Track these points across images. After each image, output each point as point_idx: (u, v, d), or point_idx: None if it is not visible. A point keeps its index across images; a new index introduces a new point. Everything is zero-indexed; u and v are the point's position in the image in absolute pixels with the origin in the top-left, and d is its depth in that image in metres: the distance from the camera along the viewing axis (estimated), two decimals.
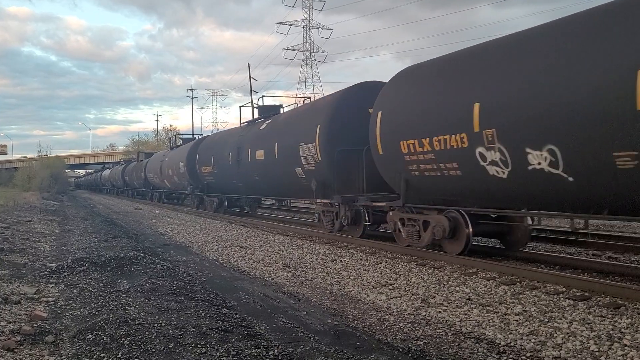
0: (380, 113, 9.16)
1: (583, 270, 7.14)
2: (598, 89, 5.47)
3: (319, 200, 11.84)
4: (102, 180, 57.48)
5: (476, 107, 6.91)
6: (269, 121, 15.61)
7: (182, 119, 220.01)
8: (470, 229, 7.85)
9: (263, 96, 17.79)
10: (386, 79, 10.18)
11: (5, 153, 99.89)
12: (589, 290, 5.89)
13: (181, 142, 28.67)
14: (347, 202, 10.76)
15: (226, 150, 18.09)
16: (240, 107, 20.53)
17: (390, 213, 9.50)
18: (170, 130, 78.66)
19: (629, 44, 5.25)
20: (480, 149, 6.95)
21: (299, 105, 16.91)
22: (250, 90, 43.40)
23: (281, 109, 16.90)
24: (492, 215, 8.32)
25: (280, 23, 60.20)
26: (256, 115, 17.63)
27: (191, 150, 22.68)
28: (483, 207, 7.87)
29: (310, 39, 60.60)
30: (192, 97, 65.77)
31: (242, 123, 18.44)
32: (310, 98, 18.59)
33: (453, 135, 7.33)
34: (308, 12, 60.05)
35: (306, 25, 60.20)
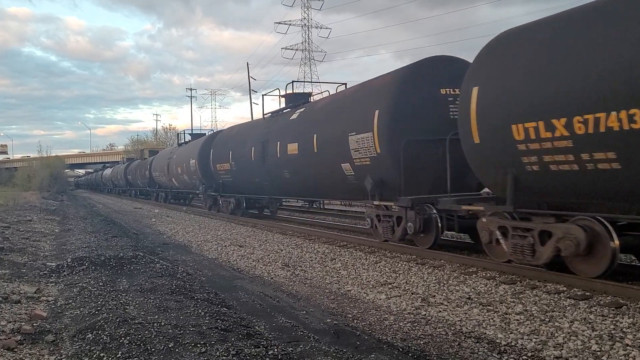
0: (476, 89, 7.01)
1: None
2: None
3: (375, 203, 9.84)
4: (103, 179, 56.09)
5: None
6: (301, 110, 13.47)
7: (181, 119, 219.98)
8: (617, 242, 5.83)
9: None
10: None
11: (5, 153, 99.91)
12: (590, 290, 5.88)
13: (190, 138, 26.60)
14: (418, 206, 8.79)
15: (247, 145, 15.90)
16: (263, 95, 17.11)
17: (484, 220, 7.46)
18: (170, 129, 78.50)
19: None
20: None
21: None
22: (249, 89, 43.42)
23: (310, 98, 15.22)
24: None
25: (279, 22, 60.15)
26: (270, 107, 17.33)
27: (204, 146, 20.54)
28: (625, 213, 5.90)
29: (309, 39, 60.58)
30: (191, 97, 65.71)
31: (266, 114, 16.19)
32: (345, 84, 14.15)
33: (613, 113, 5.25)
34: (307, 12, 60.02)
35: (305, 24, 60.18)
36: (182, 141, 27.65)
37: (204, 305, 5.22)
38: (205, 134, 25.87)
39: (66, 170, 76.55)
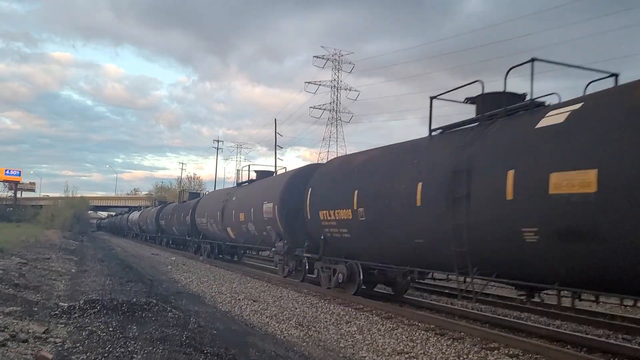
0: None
1: (613, 355, 6.72)
2: None
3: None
4: (128, 223, 51.77)
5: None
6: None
7: (206, 169, 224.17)
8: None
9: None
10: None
11: (33, 190, 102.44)
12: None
13: (255, 175, 19.84)
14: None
15: (397, 181, 9.29)
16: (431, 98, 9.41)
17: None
18: (194, 178, 79.90)
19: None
20: None
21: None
22: (275, 144, 44.19)
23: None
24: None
25: (309, 82, 61.87)
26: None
27: (291, 185, 14.01)
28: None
29: (337, 99, 62.03)
30: (217, 149, 67.21)
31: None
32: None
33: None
34: (337, 74, 61.83)
35: (334, 85, 61.85)
36: (244, 180, 21.47)
37: None
38: (273, 173, 20.62)
39: (89, 212, 77.76)
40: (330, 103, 61.84)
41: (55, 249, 21.61)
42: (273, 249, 15.01)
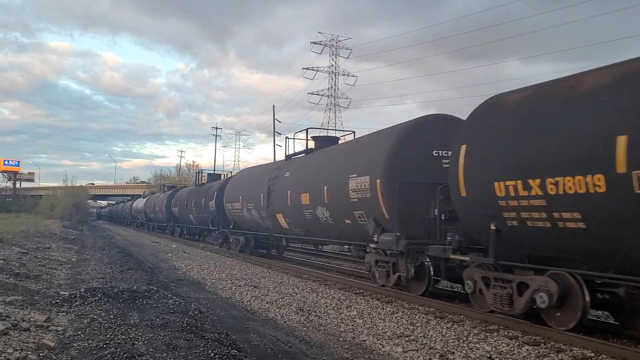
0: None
1: (613, 336, 6.76)
2: None
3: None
4: (132, 211, 47.66)
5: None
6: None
7: (205, 157, 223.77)
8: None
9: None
10: None
11: (32, 180, 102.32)
12: (619, 358, 5.55)
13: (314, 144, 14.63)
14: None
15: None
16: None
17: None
18: (193, 166, 79.69)
19: None
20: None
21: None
22: (274, 131, 44.04)
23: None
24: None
25: (307, 68, 61.43)
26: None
27: (406, 145, 9.65)
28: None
29: (335, 85, 61.70)
30: (216, 136, 66.97)
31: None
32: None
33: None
34: (334, 60, 61.41)
35: (332, 71, 61.46)
36: (298, 151, 15.42)
37: (214, 346, 5.06)
38: (338, 139, 15.13)
39: (89, 201, 77.71)
40: (328, 89, 61.58)
41: (55, 238, 21.64)
42: (372, 245, 9.96)
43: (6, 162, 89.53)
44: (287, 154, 15.80)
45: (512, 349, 5.99)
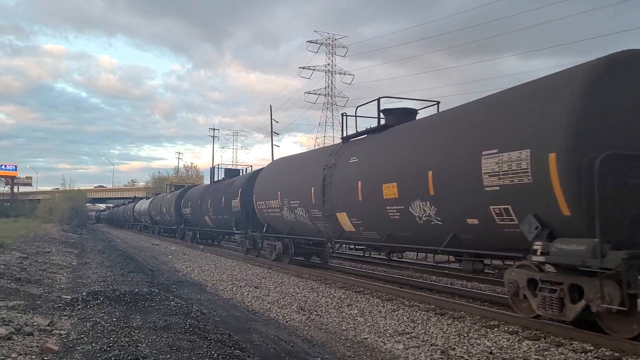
0: None
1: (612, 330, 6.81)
2: None
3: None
4: (134, 214, 44.62)
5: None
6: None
7: (203, 158, 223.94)
8: None
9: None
10: None
11: (29, 184, 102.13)
12: (619, 350, 5.60)
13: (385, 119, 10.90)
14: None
15: None
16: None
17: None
18: (191, 168, 79.57)
19: None
20: None
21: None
22: (272, 131, 44.06)
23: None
24: None
25: (303, 67, 61.53)
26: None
27: (584, 110, 5.84)
28: None
29: (332, 84, 61.75)
30: (213, 137, 66.93)
31: None
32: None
33: None
34: (331, 58, 61.45)
35: (328, 70, 61.51)
36: (360, 131, 11.51)
37: (217, 347, 5.10)
38: (416, 112, 11.09)
39: (87, 204, 77.58)
40: (325, 88, 61.65)
41: (54, 242, 21.64)
42: (538, 258, 6.30)
43: (3, 167, 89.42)
44: (344, 134, 11.87)
45: (512, 343, 6.04)
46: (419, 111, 11.07)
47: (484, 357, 5.50)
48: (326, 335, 6.57)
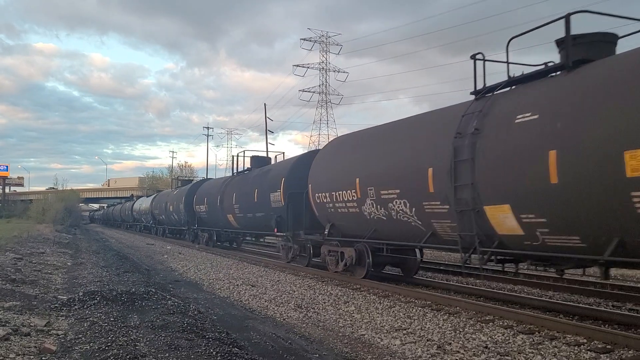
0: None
1: (604, 322, 6.91)
2: None
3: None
4: (134, 213, 41.47)
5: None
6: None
7: (197, 157, 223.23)
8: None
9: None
10: None
11: (21, 185, 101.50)
12: (611, 343, 5.69)
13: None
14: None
15: None
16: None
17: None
18: (185, 167, 79.22)
19: None
20: None
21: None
22: (266, 129, 44.00)
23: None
24: None
25: (297, 65, 61.42)
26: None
27: None
28: None
29: (326, 82, 61.73)
30: (207, 135, 66.72)
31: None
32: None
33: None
34: (324, 56, 61.41)
35: (322, 68, 61.45)
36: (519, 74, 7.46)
37: (215, 345, 5.13)
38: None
39: (80, 205, 77.14)
40: (319, 86, 61.59)
41: (48, 243, 21.54)
42: None
43: None
44: (478, 86, 7.94)
45: (507, 338, 6.11)
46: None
47: (480, 352, 5.56)
48: (324, 332, 6.62)
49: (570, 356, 5.32)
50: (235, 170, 20.45)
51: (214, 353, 4.78)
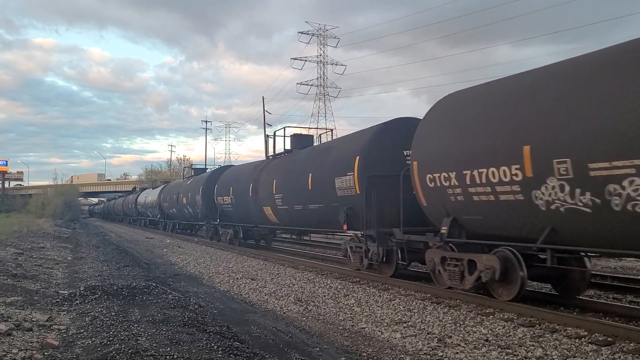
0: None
1: (604, 314, 6.93)
2: None
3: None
4: (137, 206, 38.80)
5: None
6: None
7: (196, 150, 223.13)
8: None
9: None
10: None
11: (21, 180, 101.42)
12: (612, 335, 5.70)
13: None
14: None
15: None
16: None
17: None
18: (184, 160, 79.03)
19: None
20: None
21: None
22: (264, 123, 43.92)
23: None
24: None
25: (295, 58, 61.22)
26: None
27: None
28: None
29: (324, 75, 61.55)
30: (206, 129, 66.56)
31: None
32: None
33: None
34: (322, 49, 61.21)
35: (320, 61, 61.27)
36: None
37: (216, 339, 5.14)
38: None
39: (80, 199, 77.03)
40: (317, 78, 61.43)
41: (48, 237, 21.55)
42: None
43: None
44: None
45: (507, 330, 6.13)
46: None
47: (480, 345, 5.58)
48: (324, 325, 6.63)
49: (571, 349, 5.34)
50: (271, 154, 16.98)
51: (215, 347, 4.79)
